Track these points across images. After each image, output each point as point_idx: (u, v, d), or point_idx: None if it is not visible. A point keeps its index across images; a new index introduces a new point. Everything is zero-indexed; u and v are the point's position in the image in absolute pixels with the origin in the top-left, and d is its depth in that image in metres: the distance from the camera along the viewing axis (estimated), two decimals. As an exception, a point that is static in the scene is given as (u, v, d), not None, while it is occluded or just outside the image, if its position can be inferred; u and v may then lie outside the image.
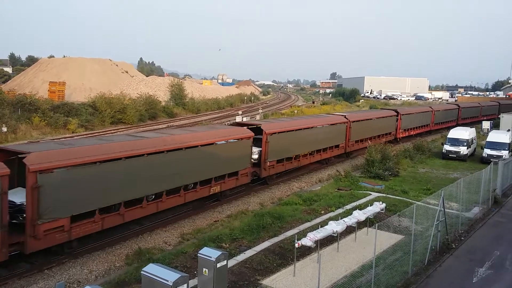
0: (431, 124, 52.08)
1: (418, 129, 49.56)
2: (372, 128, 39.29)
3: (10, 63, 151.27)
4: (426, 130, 51.56)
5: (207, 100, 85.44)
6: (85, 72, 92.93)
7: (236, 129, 23.68)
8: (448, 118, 57.93)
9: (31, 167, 13.42)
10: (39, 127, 43.63)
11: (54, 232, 14.12)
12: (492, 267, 15.32)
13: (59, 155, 14.48)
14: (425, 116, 51.19)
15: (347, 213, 18.83)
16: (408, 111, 49.19)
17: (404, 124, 45.62)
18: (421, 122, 50.32)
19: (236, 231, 17.02)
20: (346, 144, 34.89)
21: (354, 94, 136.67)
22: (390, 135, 43.43)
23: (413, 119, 48.19)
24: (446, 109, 59.51)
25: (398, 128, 44.76)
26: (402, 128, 45.44)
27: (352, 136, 35.42)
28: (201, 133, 21.23)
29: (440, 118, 55.23)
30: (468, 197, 20.74)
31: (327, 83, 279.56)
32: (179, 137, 19.74)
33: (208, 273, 11.43)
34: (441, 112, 56.39)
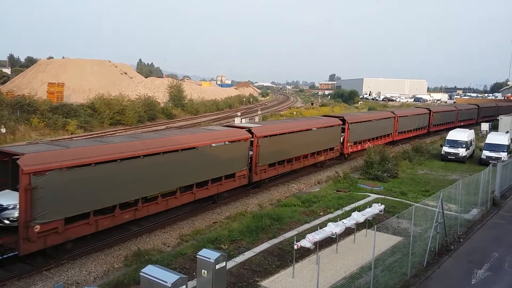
0: (393, 133, 43.29)
1: (382, 138, 40.65)
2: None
3: (9, 64, 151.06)
4: (388, 140, 41.93)
5: (206, 102, 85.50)
6: (84, 73, 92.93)
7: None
8: (417, 124, 49.42)
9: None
10: (38, 128, 43.62)
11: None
12: (491, 269, 15.34)
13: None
14: (388, 123, 42.12)
15: (346, 214, 18.84)
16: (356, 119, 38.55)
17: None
18: (382, 132, 41.02)
19: (235, 233, 17.01)
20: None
21: (353, 95, 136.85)
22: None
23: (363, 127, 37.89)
24: (415, 114, 49.83)
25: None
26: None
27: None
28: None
29: (405, 126, 46.23)
30: (467, 199, 20.77)
31: (326, 84, 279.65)
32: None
33: (207, 275, 11.43)
34: (408, 119, 47.13)
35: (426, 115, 51.95)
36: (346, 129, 34.20)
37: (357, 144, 36.39)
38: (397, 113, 45.12)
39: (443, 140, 39.41)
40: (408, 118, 46.86)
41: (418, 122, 49.50)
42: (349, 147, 35.05)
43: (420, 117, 50.31)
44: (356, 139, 36.09)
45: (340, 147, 33.87)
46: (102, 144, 16.72)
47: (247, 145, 23.26)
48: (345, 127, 34.10)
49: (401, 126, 44.93)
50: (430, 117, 52.67)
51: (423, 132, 51.23)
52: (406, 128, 46.59)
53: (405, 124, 46.03)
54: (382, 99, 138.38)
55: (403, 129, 45.88)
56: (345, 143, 34.32)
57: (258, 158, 24.11)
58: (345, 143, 34.38)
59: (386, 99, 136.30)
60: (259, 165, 24.23)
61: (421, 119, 50.38)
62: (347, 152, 35.25)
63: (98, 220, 15.52)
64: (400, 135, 44.92)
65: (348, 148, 35.03)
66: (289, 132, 27.10)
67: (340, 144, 33.63)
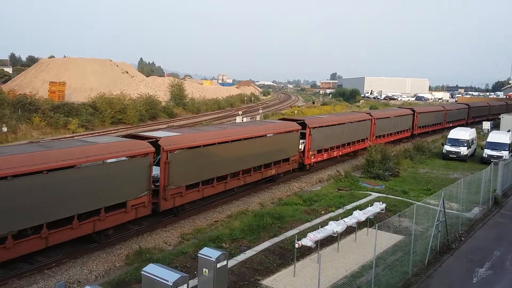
0: (370, 137, 38.49)
1: (355, 144, 36.14)
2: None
3: (10, 63, 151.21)
4: (364, 146, 36.83)
5: (207, 101, 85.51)
6: (86, 72, 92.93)
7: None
8: (399, 127, 44.58)
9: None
10: (39, 127, 43.66)
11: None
12: (492, 268, 15.32)
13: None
14: (363, 126, 37.35)
15: (347, 213, 18.84)
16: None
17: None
18: (355, 136, 35.99)
19: (236, 231, 17.02)
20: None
21: (354, 94, 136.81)
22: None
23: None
24: (396, 115, 44.90)
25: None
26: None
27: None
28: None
29: (384, 129, 41.29)
30: (468, 198, 20.75)
31: (327, 83, 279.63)
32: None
33: (208, 273, 11.44)
34: (387, 121, 42.16)
35: (409, 116, 46.93)
36: (307, 135, 28.89)
37: (322, 153, 31.15)
38: (374, 114, 39.95)
39: (445, 139, 39.39)
40: (388, 120, 41.63)
41: (400, 124, 44.44)
42: (311, 156, 29.60)
43: (403, 118, 45.30)
44: (320, 146, 30.70)
45: (299, 157, 28.64)
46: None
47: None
48: (306, 132, 28.85)
49: (379, 129, 39.69)
50: (414, 119, 47.72)
51: (406, 135, 46.48)
52: (386, 131, 41.29)
53: (384, 127, 40.91)
54: (384, 98, 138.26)
55: (382, 132, 40.52)
56: (306, 152, 29.01)
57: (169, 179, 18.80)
58: (306, 152, 29.01)
59: (387, 98, 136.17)
60: (169, 188, 18.39)
61: (403, 120, 45.40)
62: (308, 163, 29.79)
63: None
64: (378, 140, 38.94)
65: (310, 157, 29.54)
66: (219, 142, 21.12)
67: (299, 154, 28.37)
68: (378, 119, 39.67)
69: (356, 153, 37.36)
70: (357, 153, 37.45)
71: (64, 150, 15.06)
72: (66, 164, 14.30)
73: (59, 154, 14.57)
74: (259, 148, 24.12)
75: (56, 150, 14.88)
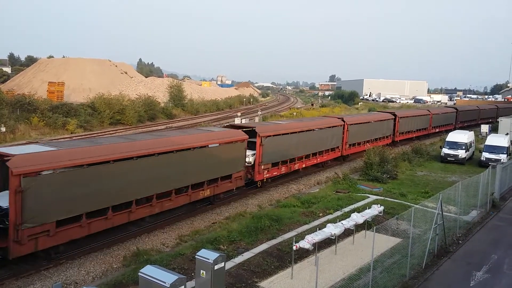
0: (342, 146, 33.96)
1: (323, 154, 31.37)
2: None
3: (9, 63, 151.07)
4: (335, 155, 33.46)
5: (206, 102, 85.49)
6: (84, 72, 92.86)
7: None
8: (377, 133, 40.04)
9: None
10: (38, 127, 43.58)
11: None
12: (490, 271, 15.33)
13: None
14: (334, 133, 32.36)
15: (345, 215, 18.82)
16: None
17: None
18: (323, 145, 31.14)
19: (234, 233, 17.00)
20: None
21: (353, 96, 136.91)
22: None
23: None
24: (375, 120, 39.93)
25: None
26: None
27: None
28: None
29: (359, 136, 36.57)
30: (466, 201, 20.77)
31: (326, 85, 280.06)
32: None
33: (205, 275, 11.42)
34: (363, 127, 37.28)
35: (390, 121, 42.36)
36: (258, 145, 24.04)
37: (278, 166, 26.04)
38: (347, 119, 35.03)
39: (443, 142, 39.44)
40: (364, 126, 37.12)
41: (379, 130, 39.98)
42: (263, 171, 24.77)
43: (382, 124, 40.76)
44: (276, 158, 25.68)
45: (248, 172, 23.95)
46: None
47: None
48: (256, 142, 24.11)
49: (353, 136, 35.28)
50: (395, 124, 43.43)
51: (386, 142, 41.07)
52: (361, 138, 36.94)
53: (360, 134, 36.48)
54: (382, 100, 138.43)
55: (357, 139, 36.14)
56: (256, 167, 24.21)
57: None
58: (257, 167, 24.23)
59: (386, 100, 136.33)
60: None
61: (383, 126, 40.84)
62: (260, 179, 24.81)
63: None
64: (352, 149, 35.49)
65: (263, 172, 24.75)
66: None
67: (246, 169, 23.49)
68: (352, 124, 34.93)
69: (325, 164, 32.50)
70: (327, 164, 32.92)
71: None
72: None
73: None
74: (184, 165, 19.17)
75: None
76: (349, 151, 35.03)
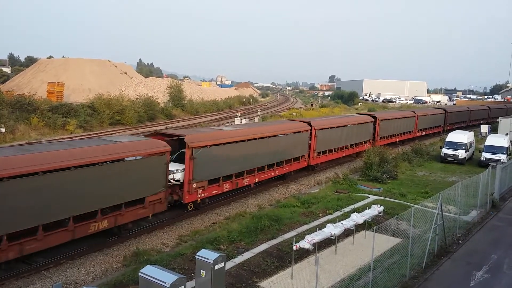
0: (310, 154, 29.24)
1: (283, 166, 26.51)
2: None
3: (9, 63, 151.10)
4: (300, 166, 28.61)
5: (205, 102, 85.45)
6: (84, 73, 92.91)
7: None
8: (353, 139, 34.90)
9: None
10: (37, 127, 43.56)
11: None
12: (490, 271, 15.34)
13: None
14: (297, 140, 27.80)
15: (345, 216, 18.83)
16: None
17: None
18: (283, 154, 26.50)
19: (234, 233, 17.01)
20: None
21: (352, 97, 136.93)
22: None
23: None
24: (350, 123, 34.80)
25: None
26: None
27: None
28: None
29: (331, 142, 31.64)
30: (466, 201, 20.79)
31: (325, 85, 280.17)
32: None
33: (205, 275, 11.42)
34: (334, 132, 32.05)
35: (368, 124, 37.64)
36: (188, 158, 19.17)
37: (220, 184, 21.17)
38: (315, 124, 29.86)
39: (443, 142, 39.47)
40: (336, 131, 32.09)
41: (356, 135, 35.19)
42: (197, 190, 19.88)
43: (360, 128, 35.87)
44: (216, 174, 20.87)
45: (175, 193, 19.41)
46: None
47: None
48: (186, 155, 19.28)
49: (322, 143, 30.25)
50: (375, 127, 38.96)
51: (364, 148, 35.82)
52: (333, 145, 31.87)
53: (331, 140, 31.49)
54: (382, 101, 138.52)
55: (327, 147, 31.04)
56: (186, 185, 19.27)
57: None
58: (186, 185, 19.29)
59: (386, 101, 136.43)
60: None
61: (361, 130, 36.02)
62: (192, 200, 19.84)
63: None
64: (322, 157, 30.63)
65: (196, 192, 19.81)
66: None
67: (163, 191, 18.10)
68: (322, 129, 30.15)
69: (284, 177, 27.55)
70: (290, 176, 28.16)
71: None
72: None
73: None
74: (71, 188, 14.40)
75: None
76: (317, 160, 30.14)
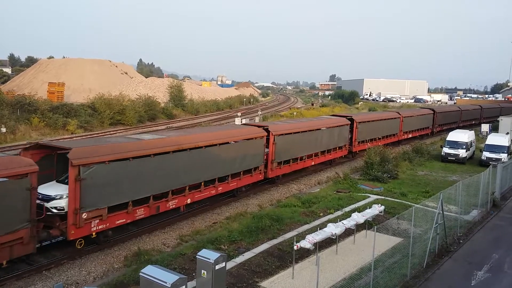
0: (268, 163, 24.87)
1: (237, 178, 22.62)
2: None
3: (9, 63, 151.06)
4: (254, 179, 24.19)
5: (206, 102, 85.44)
6: (85, 73, 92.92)
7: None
8: (326, 144, 31.01)
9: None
10: (38, 128, 43.58)
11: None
12: (491, 270, 15.33)
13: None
14: (255, 146, 23.89)
15: (346, 215, 18.82)
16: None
17: None
18: (238, 165, 22.63)
19: (235, 233, 17.02)
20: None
21: (353, 96, 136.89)
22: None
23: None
24: (324, 126, 30.83)
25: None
26: None
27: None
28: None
29: (300, 148, 27.73)
30: (467, 200, 20.77)
31: (326, 85, 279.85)
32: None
33: (206, 275, 11.42)
34: (303, 136, 28.02)
35: (344, 128, 33.34)
36: (71, 181, 14.56)
37: (148, 205, 17.32)
38: (274, 128, 25.39)
39: (444, 141, 39.46)
40: (301, 137, 27.52)
41: (328, 140, 31.09)
42: (89, 222, 15.30)
43: (333, 132, 31.63)
44: (145, 192, 17.12)
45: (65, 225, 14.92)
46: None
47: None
48: (69, 173, 14.77)
49: (283, 151, 25.64)
50: (353, 130, 35.22)
51: (339, 154, 33.39)
52: (299, 152, 27.50)
53: (295, 147, 26.94)
54: (383, 100, 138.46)
55: (290, 155, 26.55)
56: (70, 216, 14.67)
57: None
58: (70, 217, 14.65)
59: (386, 100, 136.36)
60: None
61: (334, 134, 31.82)
62: (79, 236, 15.16)
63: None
64: (282, 168, 25.96)
65: (88, 224, 15.25)
66: None
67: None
68: (281, 135, 25.58)
69: (234, 194, 23.21)
70: (238, 193, 23.42)
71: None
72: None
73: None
74: None
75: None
76: (277, 171, 25.69)
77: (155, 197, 17.63)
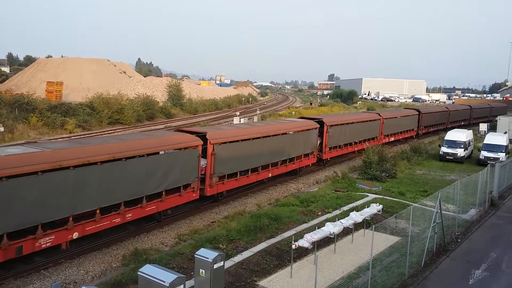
0: (204, 183, 20.77)
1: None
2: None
3: (7, 62, 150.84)
4: (190, 198, 19.90)
5: (205, 101, 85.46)
6: (83, 72, 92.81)
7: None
8: (291, 152, 27.10)
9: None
10: (36, 127, 43.53)
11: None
12: (489, 269, 15.37)
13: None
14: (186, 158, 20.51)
15: (344, 214, 18.86)
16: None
17: None
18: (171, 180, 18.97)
19: (233, 232, 17.02)
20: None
21: (351, 95, 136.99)
22: None
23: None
24: (291, 130, 27.57)
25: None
26: None
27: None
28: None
29: (241, 162, 22.88)
30: (465, 199, 20.80)
31: (325, 84, 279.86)
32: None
33: (205, 274, 11.43)
34: (265, 143, 24.55)
35: (311, 132, 29.24)
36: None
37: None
38: (212, 136, 20.95)
39: (442, 141, 39.52)
40: (249, 145, 23.13)
41: (292, 147, 27.11)
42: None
43: (298, 136, 27.69)
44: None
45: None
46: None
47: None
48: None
49: (226, 162, 21.40)
50: (324, 135, 30.95)
51: (308, 162, 29.49)
52: (247, 164, 23.18)
53: (243, 158, 22.73)
54: (381, 99, 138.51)
55: (238, 167, 22.42)
56: None
57: None
58: None
59: (385, 99, 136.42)
60: None
61: (299, 140, 27.79)
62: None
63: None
64: (225, 183, 21.72)
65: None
66: None
67: None
68: (223, 143, 21.28)
69: (164, 214, 19.08)
70: (163, 216, 19.01)
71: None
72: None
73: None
74: None
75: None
76: (219, 188, 21.45)
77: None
